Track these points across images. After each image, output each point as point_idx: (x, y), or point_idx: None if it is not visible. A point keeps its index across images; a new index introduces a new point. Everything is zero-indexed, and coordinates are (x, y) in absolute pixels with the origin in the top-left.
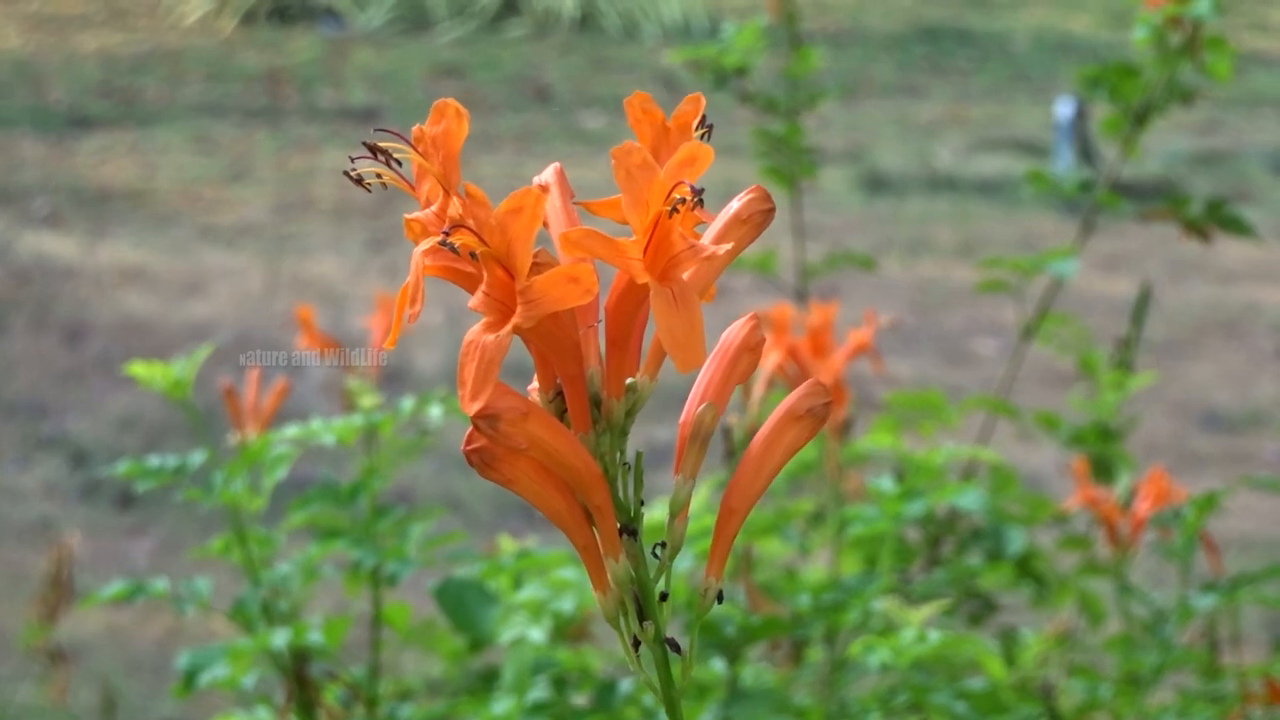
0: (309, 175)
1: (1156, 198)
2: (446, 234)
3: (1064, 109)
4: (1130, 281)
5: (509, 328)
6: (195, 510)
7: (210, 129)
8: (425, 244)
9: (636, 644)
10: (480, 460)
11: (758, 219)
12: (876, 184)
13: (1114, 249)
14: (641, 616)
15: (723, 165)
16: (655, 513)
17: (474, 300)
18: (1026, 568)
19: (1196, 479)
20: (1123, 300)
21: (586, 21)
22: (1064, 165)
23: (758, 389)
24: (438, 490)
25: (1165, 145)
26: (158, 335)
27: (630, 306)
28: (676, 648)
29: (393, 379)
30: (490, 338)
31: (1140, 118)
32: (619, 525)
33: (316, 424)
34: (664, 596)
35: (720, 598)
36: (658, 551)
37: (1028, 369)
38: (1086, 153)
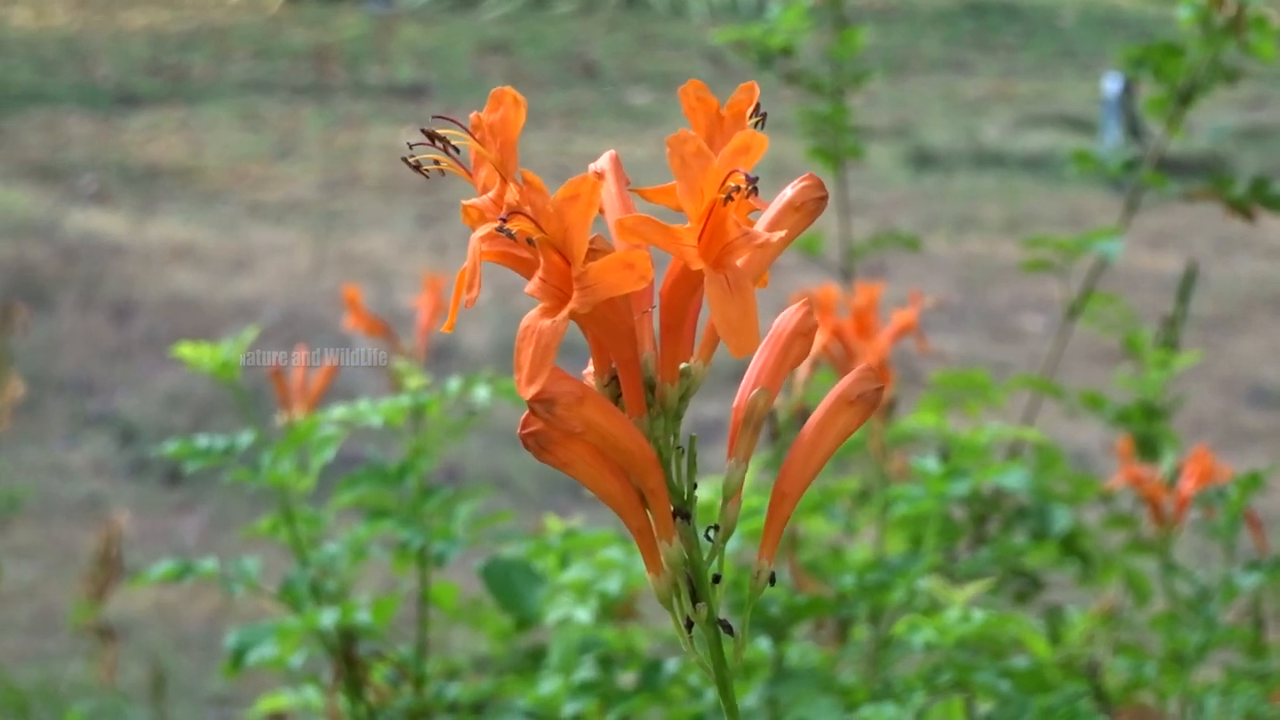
0: (356, 151)
1: (1203, 173)
2: (504, 220)
3: (1112, 85)
4: (1177, 257)
5: (565, 313)
6: (244, 487)
7: (258, 106)
8: (482, 230)
9: (689, 625)
10: (536, 444)
11: (811, 206)
12: (923, 160)
13: (1161, 225)
14: (694, 598)
15: (770, 142)
16: (702, 494)
17: (530, 286)
18: (1072, 546)
19: (1244, 455)
20: (1170, 276)
21: None
22: (1111, 141)
23: (803, 370)
24: (486, 467)
25: (1213, 120)
26: (205, 312)
27: (685, 292)
28: (729, 629)
29: (440, 356)
30: (547, 323)
31: (1185, 97)
32: (673, 508)
33: (364, 405)
34: (717, 579)
35: (773, 579)
36: (710, 534)
37: (1075, 346)
38: (1134, 128)
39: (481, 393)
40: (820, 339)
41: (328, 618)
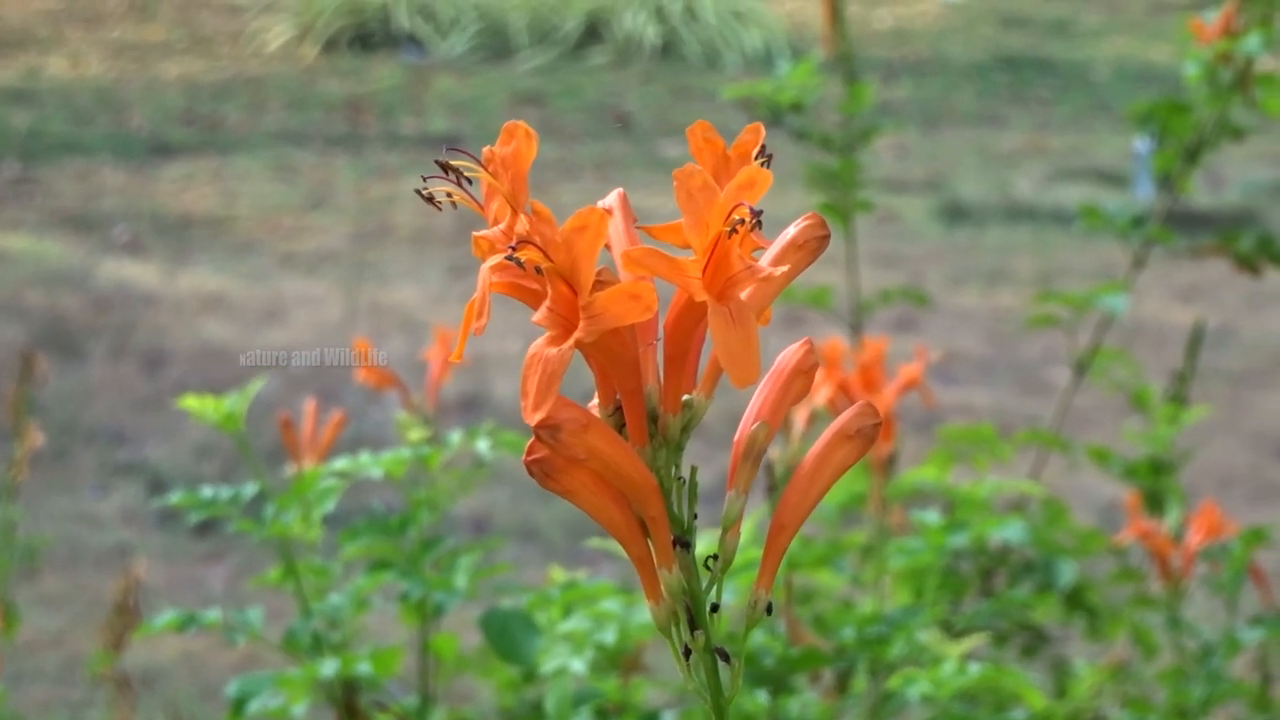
0: (389, 203)
1: (1236, 228)
2: (513, 249)
3: (1143, 140)
4: (1209, 312)
5: (571, 342)
6: (272, 538)
7: (291, 156)
8: (493, 260)
9: (688, 653)
10: (541, 470)
11: (813, 244)
12: (956, 214)
13: (1193, 280)
14: (693, 626)
15: (779, 197)
16: (701, 549)
17: (538, 315)
18: (1078, 600)
19: (1273, 509)
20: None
21: (668, 50)
22: (1144, 195)
23: (800, 423)
24: (514, 518)
25: (1245, 175)
26: (236, 363)
27: (689, 325)
28: (726, 656)
29: (470, 407)
30: (553, 351)
31: (1192, 154)
32: (673, 537)
33: (364, 457)
34: (715, 608)
35: (770, 609)
36: (710, 564)
37: (1109, 400)
38: (1166, 183)
39: (482, 445)
40: (826, 393)
41: (328, 668)
